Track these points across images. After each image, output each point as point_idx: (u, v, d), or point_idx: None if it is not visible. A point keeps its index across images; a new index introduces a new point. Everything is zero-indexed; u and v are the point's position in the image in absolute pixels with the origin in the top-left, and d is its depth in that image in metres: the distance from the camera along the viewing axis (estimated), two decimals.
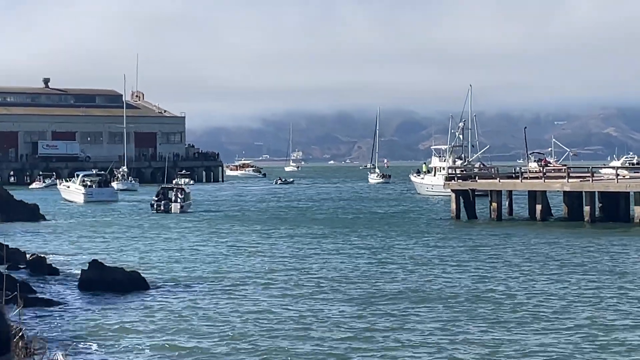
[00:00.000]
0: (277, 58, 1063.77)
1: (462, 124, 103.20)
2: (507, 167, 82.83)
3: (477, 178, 63.61)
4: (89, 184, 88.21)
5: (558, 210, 59.75)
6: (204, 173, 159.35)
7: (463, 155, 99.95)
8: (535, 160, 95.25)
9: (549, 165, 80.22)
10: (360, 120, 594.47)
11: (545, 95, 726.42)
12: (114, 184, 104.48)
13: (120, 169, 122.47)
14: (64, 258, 38.83)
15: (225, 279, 31.81)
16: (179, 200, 71.00)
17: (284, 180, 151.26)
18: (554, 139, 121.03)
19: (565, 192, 55.70)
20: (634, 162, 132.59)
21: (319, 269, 34.40)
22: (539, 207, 55.79)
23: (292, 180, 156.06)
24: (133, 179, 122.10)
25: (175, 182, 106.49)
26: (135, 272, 30.51)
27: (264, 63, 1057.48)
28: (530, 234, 47.66)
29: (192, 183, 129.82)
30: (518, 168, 69.85)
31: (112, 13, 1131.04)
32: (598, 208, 55.32)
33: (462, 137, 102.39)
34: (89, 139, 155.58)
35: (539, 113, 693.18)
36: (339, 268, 34.70)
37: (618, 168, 62.69)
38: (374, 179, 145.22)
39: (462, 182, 61.46)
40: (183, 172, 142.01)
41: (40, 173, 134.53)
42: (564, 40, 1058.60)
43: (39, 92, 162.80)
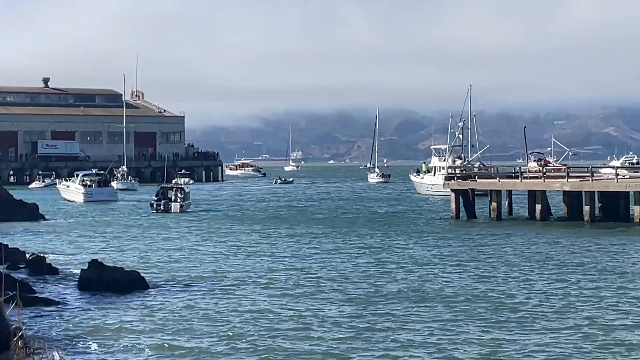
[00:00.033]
0: (277, 58, 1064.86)
1: (461, 124, 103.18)
2: (506, 166, 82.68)
3: (476, 178, 63.59)
4: (89, 184, 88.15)
5: (558, 210, 59.74)
6: (204, 173, 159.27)
7: (463, 155, 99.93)
8: (535, 160, 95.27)
9: (549, 165, 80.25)
10: (360, 120, 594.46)
11: (545, 95, 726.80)
12: (114, 184, 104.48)
13: (120, 169, 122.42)
14: (64, 258, 38.81)
15: (225, 279, 31.80)
16: (179, 200, 70.98)
17: (284, 180, 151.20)
18: (554, 139, 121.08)
19: (565, 191, 55.71)
20: (634, 161, 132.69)
21: (319, 269, 34.39)
22: (539, 206, 55.79)
23: (291, 180, 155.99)
24: (133, 179, 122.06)
25: (175, 181, 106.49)
26: (135, 271, 30.49)
27: (264, 63, 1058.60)
28: (530, 234, 47.65)
29: (191, 183, 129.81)
30: (518, 168, 69.81)
31: (112, 13, 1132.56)
32: (598, 208, 55.32)
33: (461, 136, 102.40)
34: (89, 139, 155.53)
35: (539, 113, 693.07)
36: (339, 268, 34.69)
37: (618, 168, 62.68)
38: (374, 179, 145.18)
39: (461, 181, 61.44)
40: (183, 171, 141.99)
41: (40, 173, 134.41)
42: (564, 40, 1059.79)
43: (39, 91, 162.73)
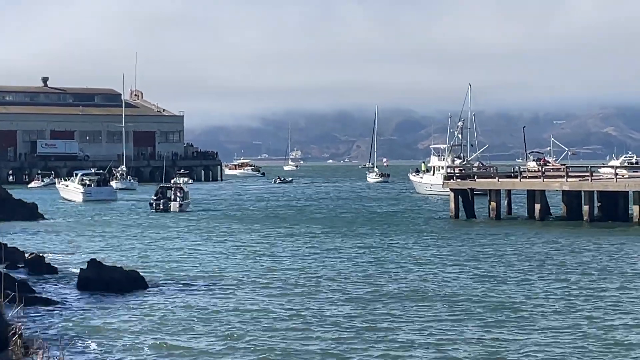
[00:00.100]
0: (277, 58, 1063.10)
1: (461, 123, 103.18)
2: (506, 166, 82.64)
3: (476, 177, 63.60)
4: (88, 183, 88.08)
5: (557, 210, 59.75)
6: (203, 172, 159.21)
7: (462, 155, 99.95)
8: (534, 160, 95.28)
9: (548, 165, 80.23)
10: (360, 120, 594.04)
11: (545, 95, 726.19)
12: (113, 183, 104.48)
13: (119, 168, 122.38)
14: (63, 257, 38.79)
15: (224, 278, 31.79)
16: (178, 200, 70.99)
17: (283, 180, 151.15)
18: (553, 138, 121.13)
19: (564, 191, 55.72)
20: (633, 161, 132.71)
21: (318, 268, 34.38)
22: (538, 206, 55.79)
23: (290, 180, 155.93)
24: (132, 178, 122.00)
25: (174, 181, 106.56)
26: (134, 271, 30.47)
27: (264, 63, 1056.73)
28: (529, 234, 47.66)
29: (190, 182, 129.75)
30: (517, 167, 69.81)
31: (112, 13, 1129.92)
32: (597, 207, 55.29)
33: (461, 136, 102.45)
34: (88, 138, 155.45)
35: (538, 112, 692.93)
36: (338, 267, 34.68)
37: (617, 167, 62.66)
38: (373, 178, 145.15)
39: (461, 181, 61.42)
40: (182, 171, 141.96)
41: (39, 172, 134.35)
42: (564, 40, 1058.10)
43: (38, 91, 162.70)
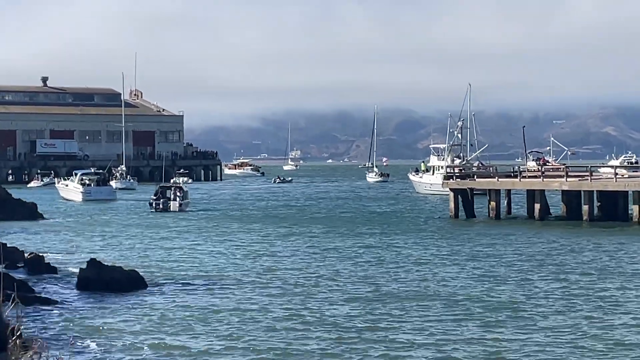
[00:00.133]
0: (277, 58, 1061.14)
1: (460, 123, 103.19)
2: (505, 166, 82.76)
3: (475, 177, 63.59)
4: (88, 183, 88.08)
5: (556, 210, 59.74)
6: (203, 172, 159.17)
7: (462, 154, 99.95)
8: (534, 159, 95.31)
9: (548, 165, 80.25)
10: (360, 119, 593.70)
11: (544, 95, 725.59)
12: (113, 183, 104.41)
13: (119, 168, 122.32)
14: (62, 257, 38.79)
15: (224, 278, 31.79)
16: (178, 199, 71.00)
17: (283, 179, 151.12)
18: (553, 138, 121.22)
19: (564, 191, 55.71)
20: (633, 161, 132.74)
21: (317, 268, 34.37)
22: (538, 206, 55.77)
23: (290, 179, 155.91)
24: (131, 178, 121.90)
25: (174, 180, 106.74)
26: (134, 271, 30.48)
27: (264, 63, 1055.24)
28: (529, 233, 47.65)
29: (190, 182, 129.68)
30: (517, 167, 69.82)
31: (112, 13, 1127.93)
32: (596, 207, 55.29)
33: (460, 136, 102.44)
34: (88, 138, 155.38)
35: (538, 112, 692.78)
36: (337, 267, 34.67)
37: (617, 167, 62.67)
38: (372, 178, 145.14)
39: (460, 181, 61.40)
40: (181, 170, 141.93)
41: (39, 172, 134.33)
42: (564, 40, 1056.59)
43: (37, 90, 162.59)
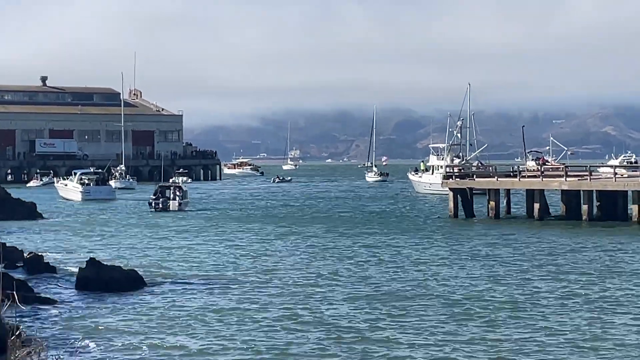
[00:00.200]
0: (277, 58, 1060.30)
1: (460, 123, 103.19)
2: (505, 165, 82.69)
3: (475, 177, 63.57)
4: (87, 182, 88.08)
5: (556, 209, 59.75)
6: (202, 171, 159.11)
7: (461, 154, 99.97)
8: (533, 159, 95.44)
9: (547, 164, 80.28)
10: (359, 119, 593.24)
11: (544, 95, 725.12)
12: (112, 182, 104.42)
13: (118, 167, 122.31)
14: (62, 256, 38.78)
15: (223, 278, 31.78)
16: (177, 199, 71.00)
17: (282, 179, 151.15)
18: (552, 138, 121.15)
19: (563, 190, 55.71)
20: (632, 160, 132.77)
21: (317, 268, 34.36)
22: (537, 205, 55.76)
23: (289, 179, 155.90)
24: (131, 177, 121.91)
25: (173, 180, 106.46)
26: (133, 270, 30.49)
27: (264, 63, 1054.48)
28: (528, 233, 47.65)
29: (189, 181, 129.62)
30: (516, 167, 69.82)
31: (112, 13, 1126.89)
32: (596, 207, 55.28)
33: (460, 135, 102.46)
34: (87, 137, 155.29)
35: (537, 112, 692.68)
36: (337, 267, 34.66)
37: (616, 167, 62.70)
38: (372, 178, 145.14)
39: (460, 180, 61.40)
40: (181, 170, 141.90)
41: (38, 171, 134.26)
42: (564, 40, 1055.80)
43: (37, 90, 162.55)
